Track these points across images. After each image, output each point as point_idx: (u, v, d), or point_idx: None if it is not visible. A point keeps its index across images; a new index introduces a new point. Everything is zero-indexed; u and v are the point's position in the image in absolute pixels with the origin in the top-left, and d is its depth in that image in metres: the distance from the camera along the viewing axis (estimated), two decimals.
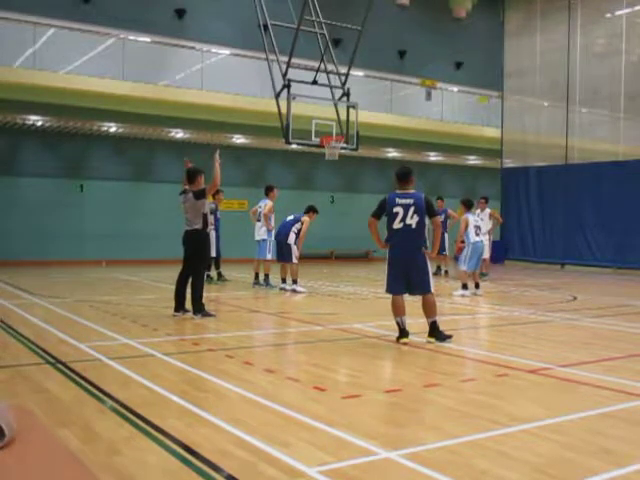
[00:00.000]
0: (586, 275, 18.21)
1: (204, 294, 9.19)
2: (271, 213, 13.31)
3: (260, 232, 13.45)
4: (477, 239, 12.46)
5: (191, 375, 5.65)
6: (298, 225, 12.63)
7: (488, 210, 15.64)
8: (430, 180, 25.19)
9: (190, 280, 9.06)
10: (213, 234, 13.81)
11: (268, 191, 13.53)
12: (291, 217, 12.86)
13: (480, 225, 12.72)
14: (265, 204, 13.39)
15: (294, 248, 12.55)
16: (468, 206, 12.73)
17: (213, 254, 13.94)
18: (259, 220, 13.47)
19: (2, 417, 3.03)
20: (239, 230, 18.00)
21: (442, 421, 4.39)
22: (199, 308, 8.97)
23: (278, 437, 3.96)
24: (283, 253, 12.63)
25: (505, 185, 22.80)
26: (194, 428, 4.12)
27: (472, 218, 12.57)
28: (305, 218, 12.72)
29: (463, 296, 12.19)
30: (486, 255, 15.60)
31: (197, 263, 9.02)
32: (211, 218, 13.61)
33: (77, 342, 7.00)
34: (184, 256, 9.07)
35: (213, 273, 14.31)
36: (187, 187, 9.25)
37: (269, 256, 13.30)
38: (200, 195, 8.95)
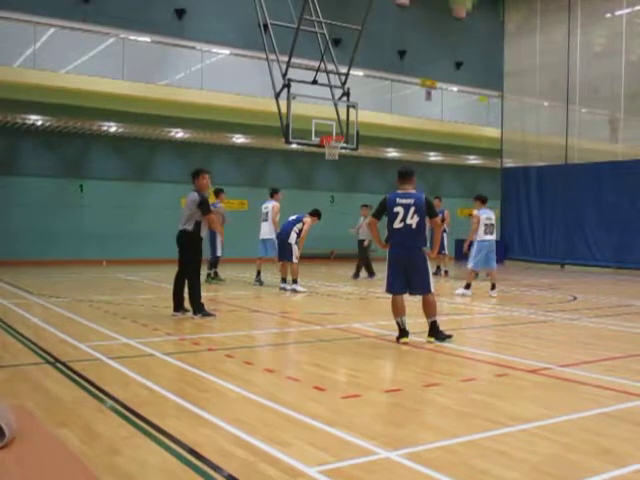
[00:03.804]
0: (586, 275, 18.21)
1: (202, 294, 9.20)
2: (277, 215, 13.46)
3: (265, 231, 13.57)
4: (485, 237, 12.36)
5: (191, 375, 5.65)
6: (300, 225, 12.69)
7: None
8: (430, 180, 25.20)
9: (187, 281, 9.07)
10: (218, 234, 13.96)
11: (273, 193, 13.67)
12: (293, 217, 12.93)
13: (489, 223, 12.43)
14: (272, 205, 13.51)
15: (295, 248, 12.58)
16: (483, 201, 12.60)
17: (219, 253, 14.12)
18: (265, 220, 13.57)
19: (2, 417, 3.03)
20: (239, 230, 18.00)
21: (442, 421, 4.39)
22: (199, 308, 8.97)
23: (278, 437, 3.96)
24: (284, 252, 12.67)
25: (505, 185, 22.80)
26: (194, 428, 4.12)
27: (484, 216, 12.42)
28: (307, 219, 12.78)
29: (464, 295, 12.18)
30: None
31: (188, 263, 9.01)
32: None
33: (77, 342, 7.00)
34: (178, 256, 9.11)
35: (208, 270, 14.36)
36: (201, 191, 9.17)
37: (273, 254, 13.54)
38: (206, 209, 8.91)
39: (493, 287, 12.37)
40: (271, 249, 13.51)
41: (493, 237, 12.52)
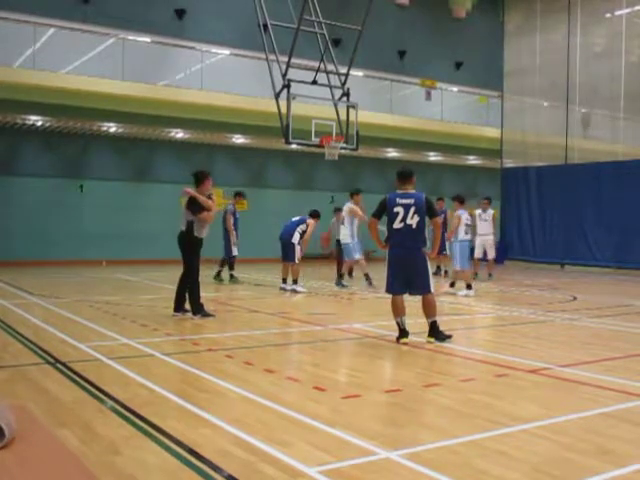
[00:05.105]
0: (586, 275, 18.21)
1: (204, 294, 9.20)
2: (355, 216, 13.35)
3: (343, 235, 13.57)
4: (465, 237, 12.67)
5: (191, 375, 5.65)
6: (303, 226, 12.75)
7: (491, 211, 15.65)
8: (430, 180, 25.19)
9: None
10: (233, 234, 14.18)
11: (353, 194, 13.64)
12: (297, 218, 13.03)
13: (469, 224, 12.83)
14: (347, 207, 13.45)
15: (297, 248, 12.63)
16: (462, 202, 12.81)
17: (235, 253, 14.26)
18: (343, 223, 13.59)
19: (2, 417, 3.03)
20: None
21: (442, 421, 4.39)
22: (198, 308, 8.96)
23: (278, 437, 3.96)
24: (286, 252, 12.70)
25: (505, 185, 22.80)
26: (194, 428, 4.12)
27: (464, 216, 12.71)
28: (310, 221, 12.85)
29: (467, 296, 12.17)
30: (493, 255, 15.71)
31: (186, 263, 9.00)
32: (231, 218, 14.10)
33: (77, 342, 7.00)
34: (182, 257, 9.11)
35: (230, 272, 14.40)
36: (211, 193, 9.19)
37: (357, 256, 13.42)
38: (195, 209, 8.85)
39: (452, 285, 12.80)
40: (349, 253, 13.50)
41: (470, 237, 12.96)
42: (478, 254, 15.63)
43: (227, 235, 14.16)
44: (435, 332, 7.28)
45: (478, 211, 15.64)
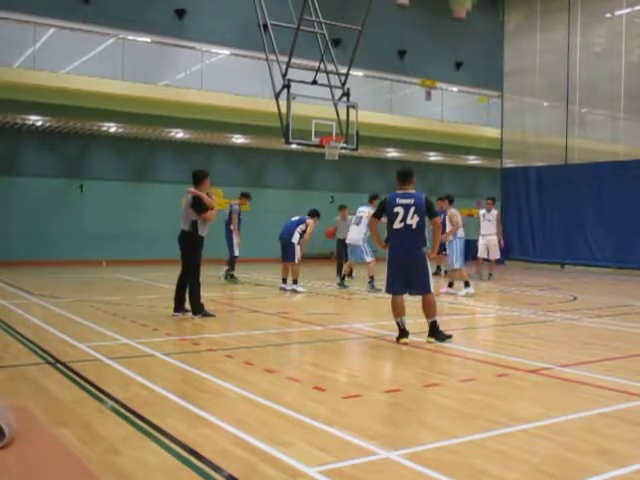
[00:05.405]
0: (586, 275, 18.21)
1: (205, 294, 9.19)
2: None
3: (353, 237, 13.26)
4: (463, 235, 12.71)
5: (191, 375, 5.65)
6: (303, 226, 12.76)
7: (495, 211, 15.65)
8: (430, 180, 25.20)
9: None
10: (238, 234, 14.25)
11: (372, 199, 13.45)
12: (296, 217, 13.03)
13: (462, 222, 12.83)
14: (369, 211, 13.05)
15: (297, 248, 12.63)
16: (451, 201, 12.83)
17: (236, 253, 14.29)
18: (357, 224, 13.29)
19: (2, 417, 3.03)
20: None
21: (442, 421, 4.39)
22: (198, 308, 8.96)
23: (278, 437, 3.96)
24: (286, 252, 12.70)
25: (505, 185, 22.79)
26: (194, 428, 4.12)
27: (460, 215, 12.74)
28: (310, 221, 12.85)
29: (467, 294, 12.16)
30: (496, 256, 15.68)
31: (186, 263, 9.00)
32: (236, 218, 14.15)
33: (77, 342, 7.00)
34: (180, 256, 9.10)
35: (230, 272, 14.42)
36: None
37: (368, 259, 13.14)
38: (199, 209, 8.87)
39: (451, 285, 12.71)
40: (358, 254, 13.21)
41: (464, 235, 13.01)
42: (481, 253, 15.64)
43: (231, 235, 14.17)
44: (435, 332, 7.29)
45: (482, 211, 15.66)
